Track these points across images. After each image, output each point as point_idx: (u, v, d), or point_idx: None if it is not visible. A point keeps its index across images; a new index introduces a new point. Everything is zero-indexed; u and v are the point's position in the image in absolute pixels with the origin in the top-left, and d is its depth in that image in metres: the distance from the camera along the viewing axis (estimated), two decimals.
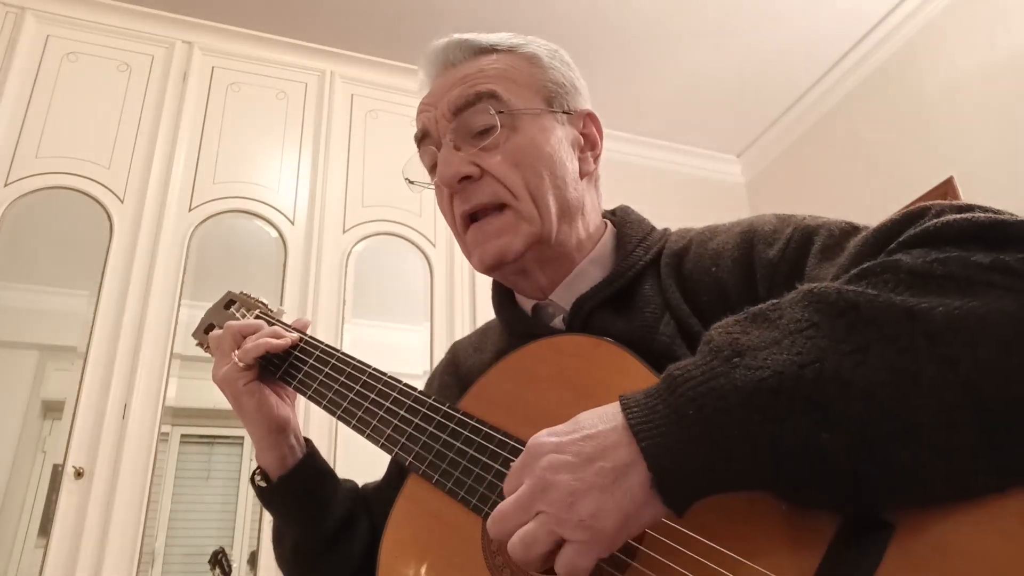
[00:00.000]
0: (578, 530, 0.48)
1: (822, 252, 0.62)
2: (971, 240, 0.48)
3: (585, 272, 0.78)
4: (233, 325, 0.86)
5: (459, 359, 0.91)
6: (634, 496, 0.48)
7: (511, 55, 0.79)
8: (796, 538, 0.48)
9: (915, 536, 0.45)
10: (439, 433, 0.71)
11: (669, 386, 0.50)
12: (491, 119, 0.75)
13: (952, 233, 0.49)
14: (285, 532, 0.86)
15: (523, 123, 0.76)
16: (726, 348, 0.49)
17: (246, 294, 0.99)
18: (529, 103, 0.77)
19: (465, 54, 0.79)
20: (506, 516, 0.51)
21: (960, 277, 0.46)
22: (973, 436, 0.43)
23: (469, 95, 0.76)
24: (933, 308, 0.44)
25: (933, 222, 0.51)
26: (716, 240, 0.73)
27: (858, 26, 2.97)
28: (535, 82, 0.78)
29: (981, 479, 0.43)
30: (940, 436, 0.43)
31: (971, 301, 0.44)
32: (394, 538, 0.70)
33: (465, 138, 0.76)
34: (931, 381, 0.43)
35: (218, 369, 0.85)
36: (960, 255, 0.47)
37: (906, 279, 0.47)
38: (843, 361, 0.45)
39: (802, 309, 0.49)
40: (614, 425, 0.50)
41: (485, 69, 0.77)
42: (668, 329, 0.68)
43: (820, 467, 0.45)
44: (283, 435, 0.84)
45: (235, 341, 0.85)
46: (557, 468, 0.50)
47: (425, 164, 0.82)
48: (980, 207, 0.52)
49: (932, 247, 0.49)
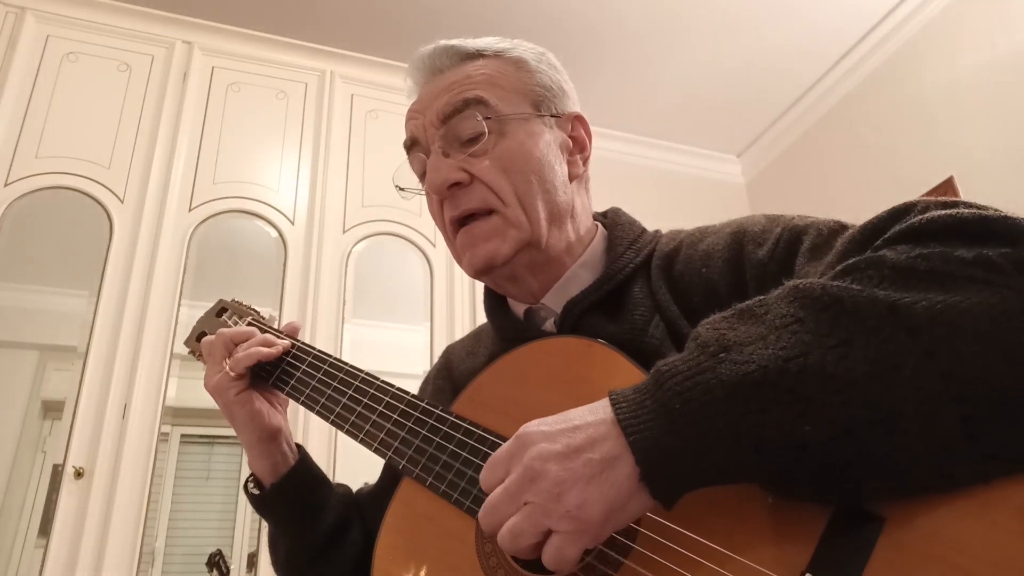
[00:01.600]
0: (564, 520, 0.49)
1: (811, 251, 0.63)
2: (954, 236, 0.49)
3: (576, 276, 0.78)
4: (225, 333, 0.86)
5: (452, 363, 0.92)
6: (621, 488, 0.49)
7: (498, 60, 0.79)
8: (788, 532, 0.49)
9: (905, 528, 0.45)
10: (432, 437, 0.71)
11: (657, 381, 0.51)
12: (479, 125, 0.75)
13: (936, 229, 0.50)
14: (279, 538, 0.86)
15: (511, 128, 0.76)
16: (713, 344, 0.50)
17: (238, 301, 0.99)
18: (516, 108, 0.77)
19: (452, 60, 0.80)
20: (496, 506, 0.52)
21: (942, 272, 0.47)
22: (954, 427, 0.43)
23: (456, 102, 0.76)
24: (915, 302, 0.45)
25: (918, 218, 0.52)
26: (706, 241, 0.73)
27: (858, 26, 2.97)
28: (522, 86, 0.79)
29: (964, 469, 0.44)
30: (921, 427, 0.44)
31: (953, 295, 0.45)
32: (388, 542, 0.70)
33: (454, 144, 0.76)
34: (912, 373, 0.44)
35: (210, 378, 0.85)
36: (943, 250, 0.48)
37: (889, 274, 0.48)
38: (827, 355, 0.46)
39: (787, 304, 0.50)
40: (603, 418, 0.51)
41: (472, 75, 0.77)
42: (657, 331, 0.69)
43: (803, 458, 0.46)
44: (275, 443, 0.84)
45: (226, 349, 0.85)
46: (546, 458, 0.50)
47: (415, 171, 0.82)
48: (965, 203, 0.52)
49: (916, 243, 0.50)
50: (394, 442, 0.73)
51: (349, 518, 0.87)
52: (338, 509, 0.86)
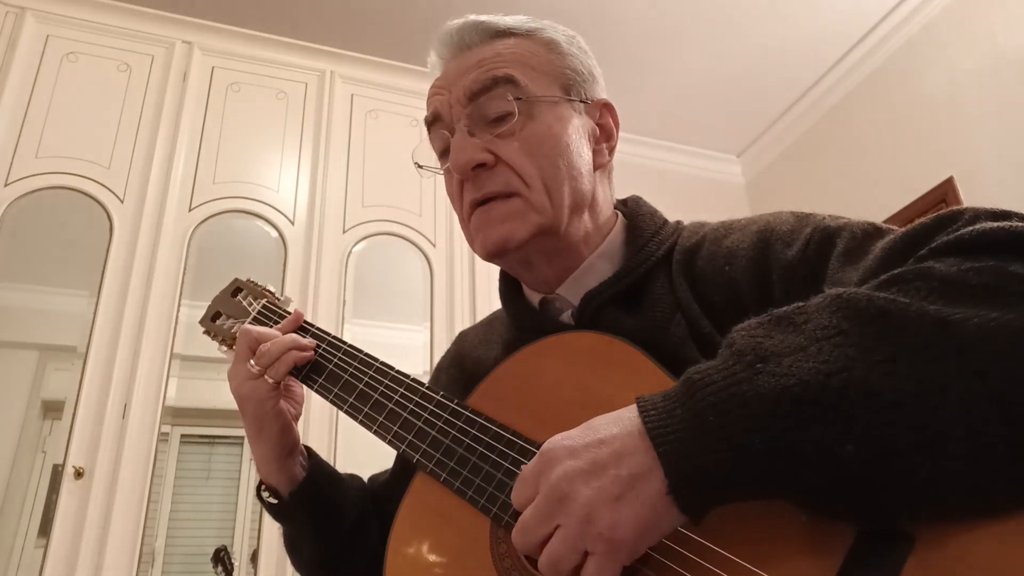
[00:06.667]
0: (598, 542, 0.47)
1: (845, 255, 0.59)
2: (1007, 250, 0.47)
3: (594, 267, 0.76)
4: (251, 332, 0.82)
5: (464, 351, 0.90)
6: (652, 504, 0.47)
7: (529, 40, 0.77)
8: (813, 547, 0.47)
9: (935, 549, 0.43)
10: (447, 430, 0.70)
11: (688, 390, 0.48)
12: (508, 105, 0.72)
13: (987, 242, 0.48)
14: (301, 543, 0.85)
15: (540, 111, 0.73)
16: (749, 353, 0.48)
17: (253, 282, 0.97)
18: (547, 90, 0.74)
19: (481, 37, 0.76)
20: (528, 528, 0.51)
21: (995, 288, 0.44)
22: (999, 450, 0.41)
23: (486, 80, 0.73)
24: (967, 319, 0.43)
25: (968, 229, 0.49)
26: (731, 238, 0.70)
27: (858, 26, 2.97)
28: (553, 69, 0.76)
29: (1005, 494, 0.42)
30: (967, 450, 0.42)
31: (1007, 313, 0.43)
32: (401, 537, 0.69)
33: (480, 124, 0.73)
34: (960, 394, 0.42)
35: (241, 380, 0.80)
36: (996, 265, 0.45)
37: (939, 287, 0.45)
38: (871, 371, 0.43)
39: (830, 315, 0.47)
40: (630, 430, 0.49)
41: (502, 53, 0.74)
42: (679, 330, 0.67)
43: (842, 478, 0.44)
44: (292, 457, 0.82)
45: (250, 349, 0.81)
46: (572, 477, 0.49)
47: (436, 148, 0.79)
48: (1017, 214, 0.50)
49: (966, 255, 0.47)
50: (408, 434, 0.72)
51: (367, 511, 0.86)
52: (358, 504, 0.85)
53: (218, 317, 0.94)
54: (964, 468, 0.42)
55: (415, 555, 0.68)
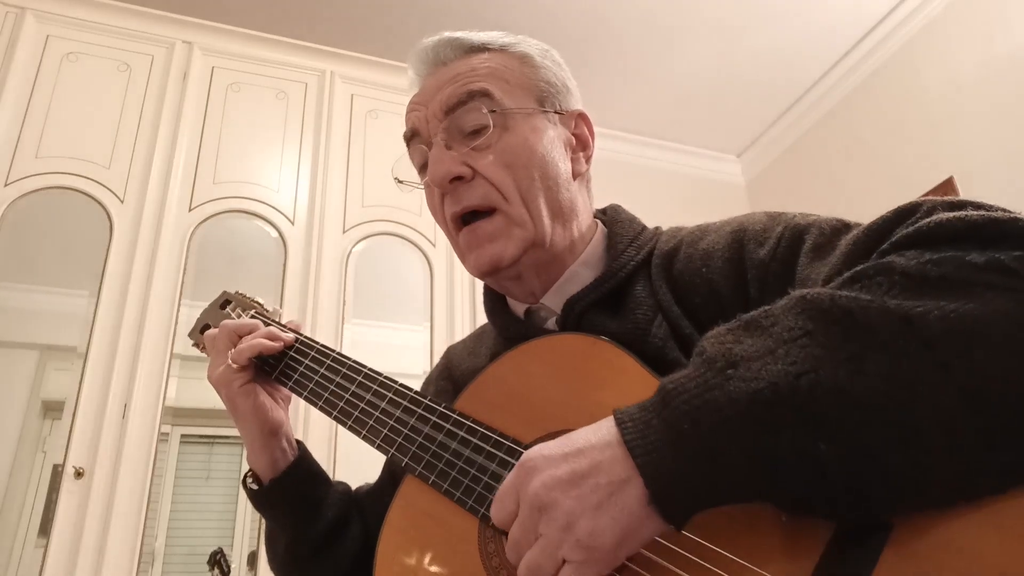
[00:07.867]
0: (576, 550, 0.48)
1: (813, 251, 0.61)
2: (965, 239, 0.47)
3: (576, 274, 0.77)
4: (228, 324, 0.86)
5: (453, 363, 0.91)
6: (632, 512, 0.48)
7: (503, 54, 0.78)
8: (793, 538, 0.48)
9: (913, 535, 0.44)
10: (435, 434, 0.70)
11: (663, 399, 0.49)
12: (483, 118, 0.74)
13: (946, 232, 0.48)
14: (278, 535, 0.86)
15: (515, 123, 0.75)
16: (719, 359, 0.48)
17: (242, 294, 0.99)
18: (521, 102, 0.76)
19: (456, 52, 0.78)
20: (518, 542, 0.51)
21: (955, 278, 0.45)
22: (972, 440, 0.42)
23: (461, 94, 0.75)
24: (928, 312, 0.43)
25: (925, 221, 0.50)
26: (706, 240, 0.72)
27: (858, 26, 2.97)
28: (527, 81, 0.78)
29: (981, 482, 0.43)
30: (938, 442, 0.42)
31: (967, 303, 0.43)
32: (390, 539, 0.70)
33: (456, 137, 0.75)
34: (928, 387, 0.42)
35: (213, 369, 0.84)
36: (954, 255, 0.46)
37: (900, 281, 0.46)
38: (838, 370, 0.44)
39: (795, 317, 0.48)
40: (608, 440, 0.50)
41: (477, 68, 0.76)
42: (660, 331, 0.68)
43: (818, 477, 0.44)
44: (276, 438, 0.84)
45: (231, 341, 0.84)
46: (551, 486, 0.49)
47: (415, 163, 0.81)
48: (972, 203, 0.51)
49: (926, 247, 0.48)
50: (397, 438, 0.73)
51: (348, 515, 0.86)
52: (338, 505, 0.86)
53: (206, 329, 0.94)
54: (940, 460, 0.43)
55: (404, 555, 0.68)
